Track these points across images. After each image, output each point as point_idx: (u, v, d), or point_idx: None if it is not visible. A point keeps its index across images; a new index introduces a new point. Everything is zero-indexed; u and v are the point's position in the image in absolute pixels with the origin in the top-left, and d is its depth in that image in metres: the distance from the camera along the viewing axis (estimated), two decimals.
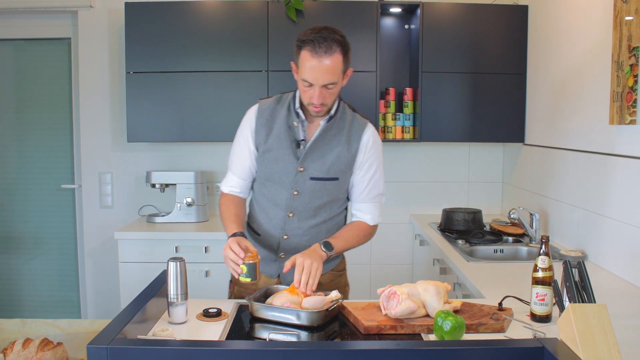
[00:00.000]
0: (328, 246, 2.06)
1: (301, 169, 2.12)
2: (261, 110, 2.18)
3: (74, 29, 3.99)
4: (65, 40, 4.05)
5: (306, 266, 1.94)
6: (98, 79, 3.94)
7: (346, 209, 2.32)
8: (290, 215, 2.17)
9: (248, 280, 1.94)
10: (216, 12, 3.58)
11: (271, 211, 2.21)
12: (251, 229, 2.30)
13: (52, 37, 4.04)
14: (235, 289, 2.29)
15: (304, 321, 1.81)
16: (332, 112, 2.12)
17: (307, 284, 1.93)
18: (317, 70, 1.97)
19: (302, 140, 2.13)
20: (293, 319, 1.82)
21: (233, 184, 2.25)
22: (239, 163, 2.22)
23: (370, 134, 2.19)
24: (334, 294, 1.93)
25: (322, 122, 2.12)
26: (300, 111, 2.12)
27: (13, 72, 4.12)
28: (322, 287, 2.16)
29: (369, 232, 2.26)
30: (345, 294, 2.34)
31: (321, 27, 2.01)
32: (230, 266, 1.96)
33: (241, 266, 1.93)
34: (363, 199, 2.23)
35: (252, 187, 2.30)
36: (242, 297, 2.21)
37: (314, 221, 2.19)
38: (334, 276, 2.31)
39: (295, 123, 2.13)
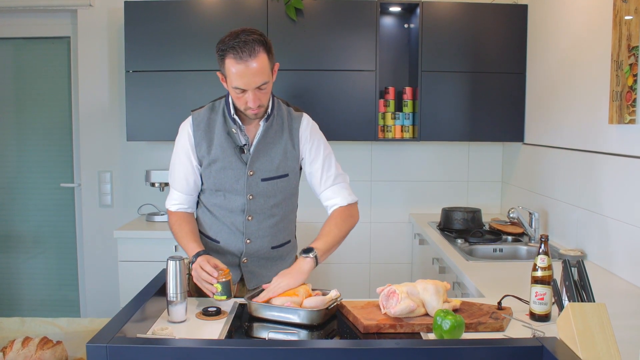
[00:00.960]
0: (307, 251, 2.03)
1: (251, 173, 2.13)
2: (197, 123, 2.16)
3: (74, 28, 3.98)
4: (65, 39, 4.05)
5: (273, 287, 1.93)
6: (97, 77, 3.94)
7: (297, 206, 2.34)
8: (250, 218, 2.17)
9: (224, 298, 1.93)
10: (216, 11, 3.58)
11: (228, 218, 2.19)
12: (207, 238, 2.27)
13: (52, 35, 4.03)
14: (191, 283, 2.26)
15: (303, 320, 1.81)
16: (269, 110, 2.12)
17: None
18: (246, 76, 1.94)
19: (245, 144, 2.13)
20: (292, 318, 1.82)
21: (179, 200, 2.24)
22: (182, 179, 2.21)
23: (305, 124, 2.19)
24: (333, 293, 1.93)
25: (261, 123, 2.12)
26: (236, 117, 2.11)
27: (13, 71, 4.12)
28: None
29: (347, 214, 2.19)
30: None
31: (239, 30, 1.96)
32: (204, 287, 1.96)
33: (215, 285, 1.93)
34: (325, 185, 2.20)
35: (197, 200, 2.29)
36: (201, 292, 2.21)
37: (273, 220, 2.20)
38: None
39: (233, 130, 2.12)
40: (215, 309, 1.90)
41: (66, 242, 4.17)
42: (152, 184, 3.78)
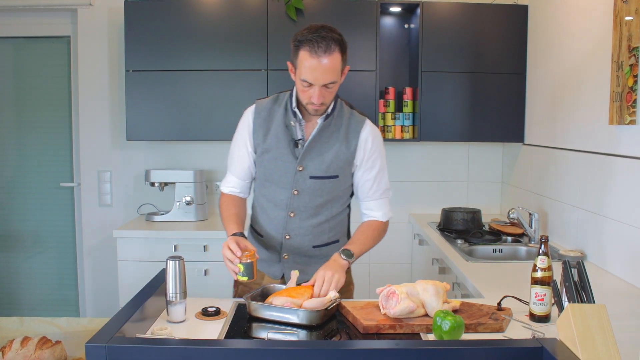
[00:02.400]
0: (347, 253, 2.06)
1: (300, 168, 2.12)
2: (258, 111, 2.18)
3: (74, 27, 3.98)
4: (65, 39, 4.04)
5: (327, 279, 1.96)
6: (97, 77, 3.94)
7: (349, 206, 2.31)
8: (292, 215, 2.17)
9: (245, 279, 1.93)
10: (216, 11, 3.57)
11: (272, 212, 2.20)
12: (254, 231, 2.30)
13: (52, 35, 4.03)
14: (240, 288, 2.29)
15: (302, 320, 1.81)
16: (329, 110, 2.12)
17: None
18: (316, 70, 1.96)
19: (300, 139, 2.13)
20: (292, 318, 1.82)
21: (233, 184, 2.25)
22: (237, 164, 2.23)
23: (368, 131, 2.18)
24: (332, 294, 1.93)
25: (319, 121, 2.12)
26: (297, 110, 2.12)
27: (12, 70, 4.12)
28: None
29: (382, 229, 2.25)
30: (349, 293, 2.34)
31: (318, 25, 1.99)
32: (228, 266, 1.96)
33: (238, 265, 1.93)
34: (371, 197, 2.22)
35: (252, 188, 2.30)
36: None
37: (316, 220, 2.19)
38: None
39: (292, 122, 2.12)
40: (214, 309, 1.90)
41: (66, 241, 4.17)
42: (152, 184, 3.78)
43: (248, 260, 1.93)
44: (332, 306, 1.88)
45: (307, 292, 1.93)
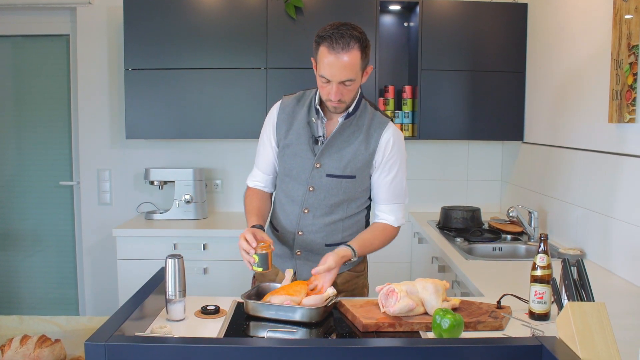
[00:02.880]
0: (351, 247, 2.07)
1: (318, 165, 2.12)
2: (283, 107, 2.20)
3: (73, 26, 3.98)
4: (64, 37, 4.04)
5: (331, 272, 1.99)
6: (97, 75, 3.94)
7: (367, 208, 2.29)
8: (306, 211, 2.17)
9: (260, 269, 1.95)
10: (215, 9, 3.57)
11: (288, 207, 2.21)
12: (272, 226, 2.32)
13: (51, 33, 4.03)
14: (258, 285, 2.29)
15: (303, 318, 1.81)
16: (351, 109, 2.11)
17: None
18: (334, 67, 1.95)
19: (320, 136, 2.13)
20: (292, 316, 1.82)
21: (258, 178, 2.29)
22: (262, 158, 2.26)
23: (390, 134, 2.14)
24: (330, 291, 1.93)
25: (340, 119, 2.12)
26: (319, 107, 2.12)
27: (11, 69, 4.11)
28: (339, 287, 2.15)
29: (393, 234, 2.22)
30: (362, 296, 2.32)
31: (340, 23, 1.98)
32: (243, 257, 1.96)
33: (253, 256, 1.93)
34: (385, 200, 2.20)
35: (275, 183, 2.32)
36: None
37: (329, 219, 2.18)
38: (352, 277, 2.27)
39: (314, 119, 2.13)
40: (214, 307, 1.90)
41: (65, 240, 4.16)
42: (151, 182, 3.77)
43: (263, 251, 1.94)
44: (330, 303, 1.88)
45: (303, 288, 1.93)
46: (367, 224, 2.30)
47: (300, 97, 2.21)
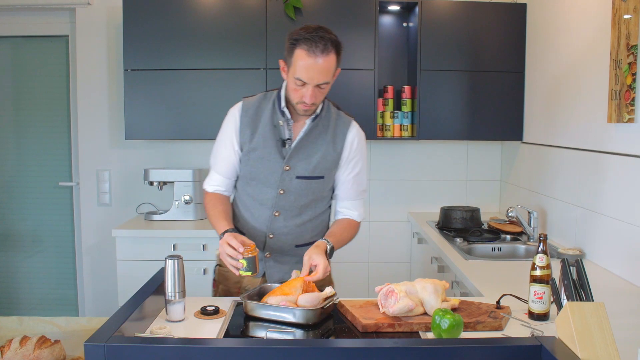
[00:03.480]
0: (329, 241, 2.10)
1: (287, 168, 2.13)
2: (245, 109, 2.18)
3: (72, 27, 3.98)
4: (63, 38, 4.04)
5: (322, 267, 1.98)
6: (96, 76, 3.94)
7: (330, 207, 2.33)
8: (277, 214, 2.18)
9: (249, 274, 1.94)
10: (214, 10, 3.57)
11: (256, 210, 2.21)
12: (237, 230, 2.26)
13: (50, 34, 4.03)
14: (220, 287, 2.29)
15: (299, 319, 1.81)
16: (318, 110, 2.13)
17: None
18: (312, 70, 1.96)
19: (288, 139, 2.13)
20: (289, 318, 1.82)
21: (218, 182, 2.25)
22: (223, 162, 2.22)
23: (355, 133, 2.20)
24: (328, 290, 1.93)
25: (307, 121, 2.13)
26: (286, 110, 2.12)
27: (11, 70, 4.11)
28: None
29: (357, 229, 2.30)
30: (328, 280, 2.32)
31: (315, 26, 2.00)
32: (228, 262, 1.96)
33: (240, 260, 1.93)
34: (349, 197, 2.25)
35: (235, 186, 2.30)
36: (227, 296, 2.24)
37: (300, 220, 2.20)
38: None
39: (280, 122, 2.13)
40: (213, 308, 1.90)
41: (64, 240, 4.16)
42: (151, 183, 3.77)
43: (250, 255, 1.93)
44: (328, 305, 1.87)
45: (298, 283, 1.91)
46: (329, 222, 2.35)
47: (262, 99, 2.19)
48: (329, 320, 1.89)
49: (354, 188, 2.24)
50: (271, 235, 2.20)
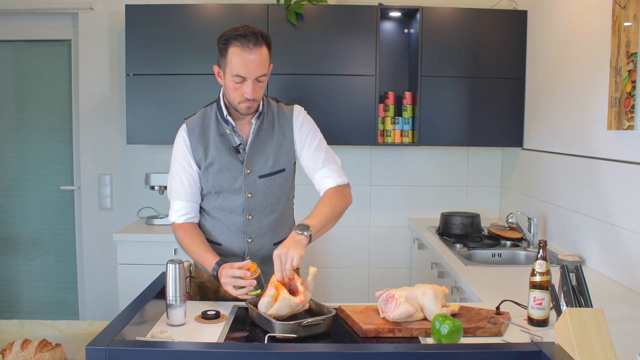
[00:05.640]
0: (303, 227, 1.98)
1: (248, 171, 2.15)
2: (191, 129, 2.20)
3: (75, 31, 3.99)
4: (66, 42, 4.06)
5: (282, 259, 1.88)
6: (98, 80, 3.95)
7: (293, 197, 2.36)
8: (250, 217, 2.18)
9: (259, 291, 1.93)
10: (216, 15, 3.59)
11: (228, 219, 2.20)
12: (210, 241, 2.24)
13: (53, 38, 4.04)
14: (197, 299, 2.25)
15: (279, 332, 1.72)
16: (260, 108, 2.16)
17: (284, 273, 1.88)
18: (250, 64, 2.00)
19: (240, 144, 2.16)
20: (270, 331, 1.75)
21: (186, 210, 2.23)
22: (186, 187, 2.21)
23: (297, 114, 2.23)
24: (309, 278, 1.88)
25: (253, 121, 2.16)
26: (229, 118, 2.14)
27: (13, 74, 4.13)
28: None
29: (339, 194, 2.17)
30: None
31: (241, 25, 2.04)
32: (238, 293, 1.93)
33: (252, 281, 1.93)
34: (316, 168, 2.22)
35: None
36: (203, 295, 2.26)
37: (272, 217, 2.22)
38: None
39: (227, 131, 2.15)
40: (214, 312, 1.91)
41: (65, 244, 4.17)
42: (152, 187, 3.78)
43: (257, 275, 1.95)
44: (308, 322, 1.76)
45: (279, 287, 1.84)
46: (293, 211, 2.37)
47: (203, 114, 2.22)
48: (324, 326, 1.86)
49: (317, 157, 2.21)
50: (249, 240, 2.20)
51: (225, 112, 2.14)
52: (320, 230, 2.05)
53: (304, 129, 2.23)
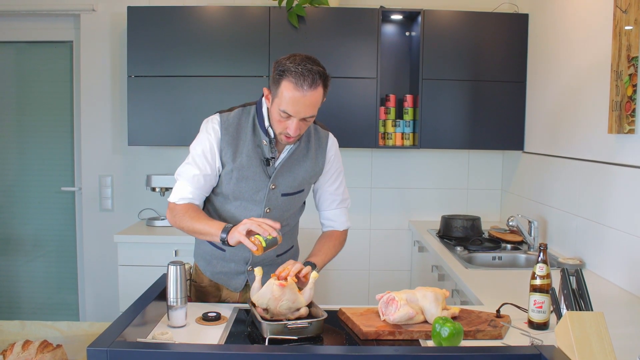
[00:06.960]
0: (312, 266, 2.04)
1: (273, 187, 2.11)
2: (225, 126, 2.09)
3: (76, 32, 4.00)
4: (68, 44, 4.07)
5: (290, 263, 1.96)
6: (99, 82, 3.96)
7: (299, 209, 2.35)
8: None
9: (264, 244, 1.85)
10: (218, 18, 3.59)
11: None
12: (213, 245, 2.21)
13: (55, 40, 4.05)
14: (191, 289, 2.26)
15: (266, 334, 1.72)
16: None
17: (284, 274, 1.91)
18: (299, 104, 1.89)
19: (272, 158, 2.08)
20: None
21: (192, 195, 2.08)
22: (200, 179, 2.08)
23: (331, 145, 2.22)
24: (312, 278, 1.91)
25: None
26: (270, 130, 2.05)
27: (15, 75, 4.14)
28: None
29: (342, 238, 2.30)
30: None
31: (303, 56, 1.93)
32: (259, 229, 1.85)
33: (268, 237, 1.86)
34: (331, 207, 2.27)
35: (205, 201, 2.21)
36: (202, 298, 2.26)
37: (282, 231, 2.15)
38: None
39: (264, 142, 2.07)
40: (215, 314, 1.91)
41: (66, 245, 4.17)
42: (153, 189, 3.79)
43: (279, 239, 1.89)
44: (295, 324, 1.76)
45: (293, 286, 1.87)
46: (298, 225, 2.37)
47: (240, 114, 2.12)
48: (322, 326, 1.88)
49: (335, 198, 2.25)
50: None
51: (267, 123, 2.05)
52: (319, 269, 2.11)
53: (335, 164, 2.22)
